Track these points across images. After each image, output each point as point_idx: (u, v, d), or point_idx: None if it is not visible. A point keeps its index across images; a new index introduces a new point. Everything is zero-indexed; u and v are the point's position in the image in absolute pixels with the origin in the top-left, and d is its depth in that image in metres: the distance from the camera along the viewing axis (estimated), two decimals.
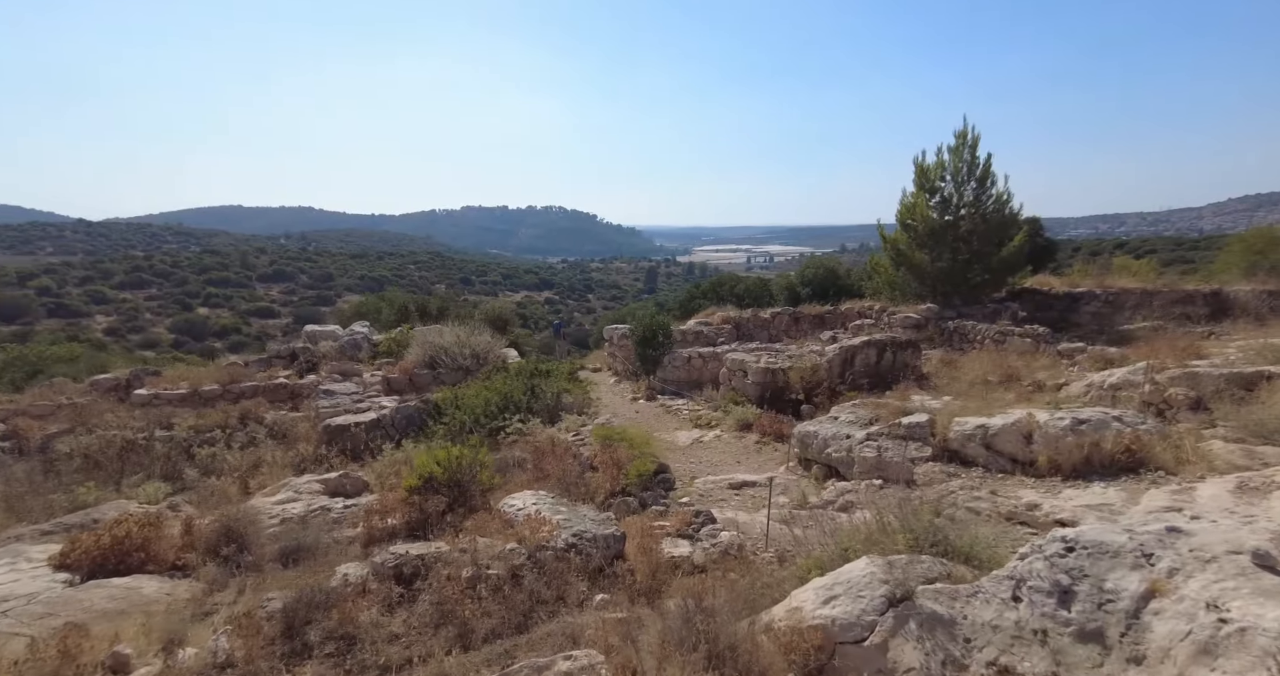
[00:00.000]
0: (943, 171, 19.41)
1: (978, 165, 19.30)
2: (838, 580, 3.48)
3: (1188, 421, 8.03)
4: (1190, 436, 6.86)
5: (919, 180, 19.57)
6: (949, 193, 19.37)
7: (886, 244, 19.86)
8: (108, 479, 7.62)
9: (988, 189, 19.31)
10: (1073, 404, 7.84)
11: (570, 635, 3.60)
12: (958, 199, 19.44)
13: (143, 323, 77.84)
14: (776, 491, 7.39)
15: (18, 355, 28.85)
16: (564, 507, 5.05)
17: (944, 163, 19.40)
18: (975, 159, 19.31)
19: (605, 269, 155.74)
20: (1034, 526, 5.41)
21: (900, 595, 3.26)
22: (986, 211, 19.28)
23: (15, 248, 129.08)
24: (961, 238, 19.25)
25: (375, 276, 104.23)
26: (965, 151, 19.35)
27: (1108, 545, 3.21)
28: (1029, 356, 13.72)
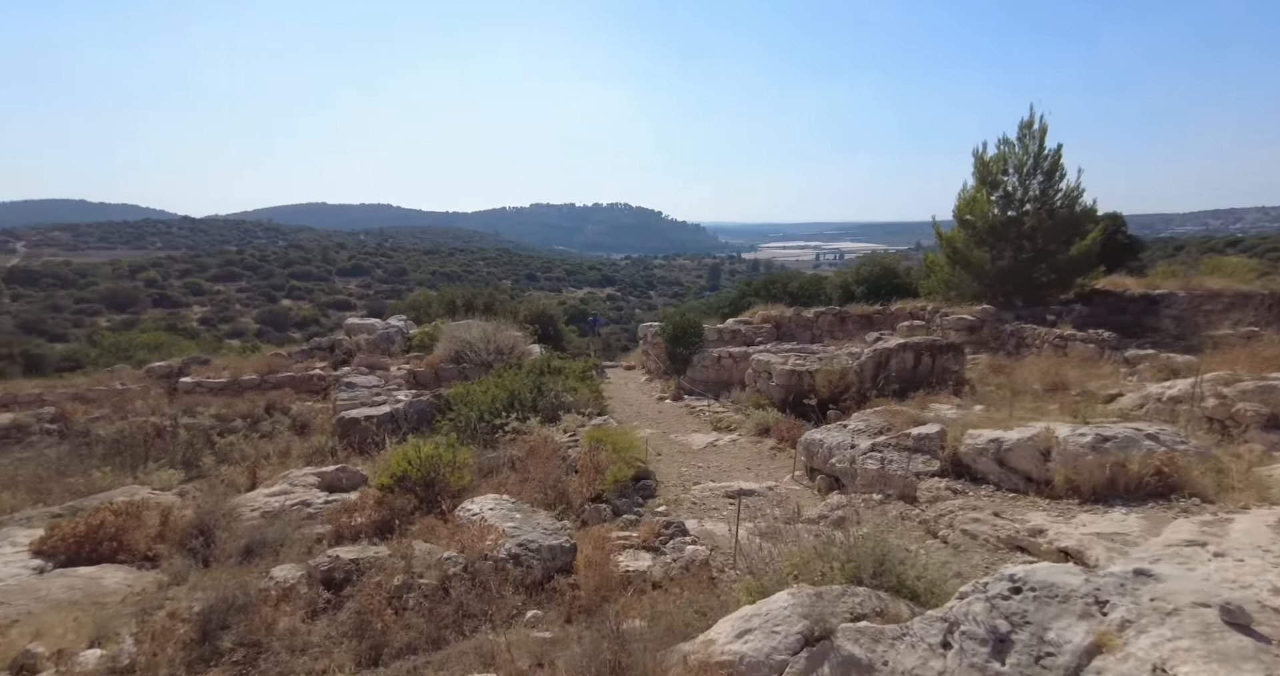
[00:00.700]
0: (1005, 164, 18.22)
1: (1045, 157, 18.03)
2: (758, 611, 3.18)
3: (1256, 441, 7.18)
4: (1243, 460, 6.10)
5: (979, 173, 18.44)
6: (1012, 187, 18.17)
7: (942, 241, 18.83)
8: (133, 464, 8.02)
9: (1056, 183, 18.02)
10: (1108, 418, 7.11)
11: (484, 655, 3.44)
12: (1022, 193, 18.22)
13: (232, 313, 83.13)
14: (773, 502, 7.03)
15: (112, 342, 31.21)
16: (519, 515, 4.90)
17: (1007, 155, 18.22)
18: (1043, 150, 18.04)
19: (668, 266, 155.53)
20: (1035, 554, 4.89)
21: (819, 633, 2.94)
22: (1054, 207, 17.99)
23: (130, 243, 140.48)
24: (1025, 235, 18.03)
25: (446, 272, 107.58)
26: (1031, 142, 18.11)
27: (1059, 588, 2.79)
28: (1091, 364, 12.71)
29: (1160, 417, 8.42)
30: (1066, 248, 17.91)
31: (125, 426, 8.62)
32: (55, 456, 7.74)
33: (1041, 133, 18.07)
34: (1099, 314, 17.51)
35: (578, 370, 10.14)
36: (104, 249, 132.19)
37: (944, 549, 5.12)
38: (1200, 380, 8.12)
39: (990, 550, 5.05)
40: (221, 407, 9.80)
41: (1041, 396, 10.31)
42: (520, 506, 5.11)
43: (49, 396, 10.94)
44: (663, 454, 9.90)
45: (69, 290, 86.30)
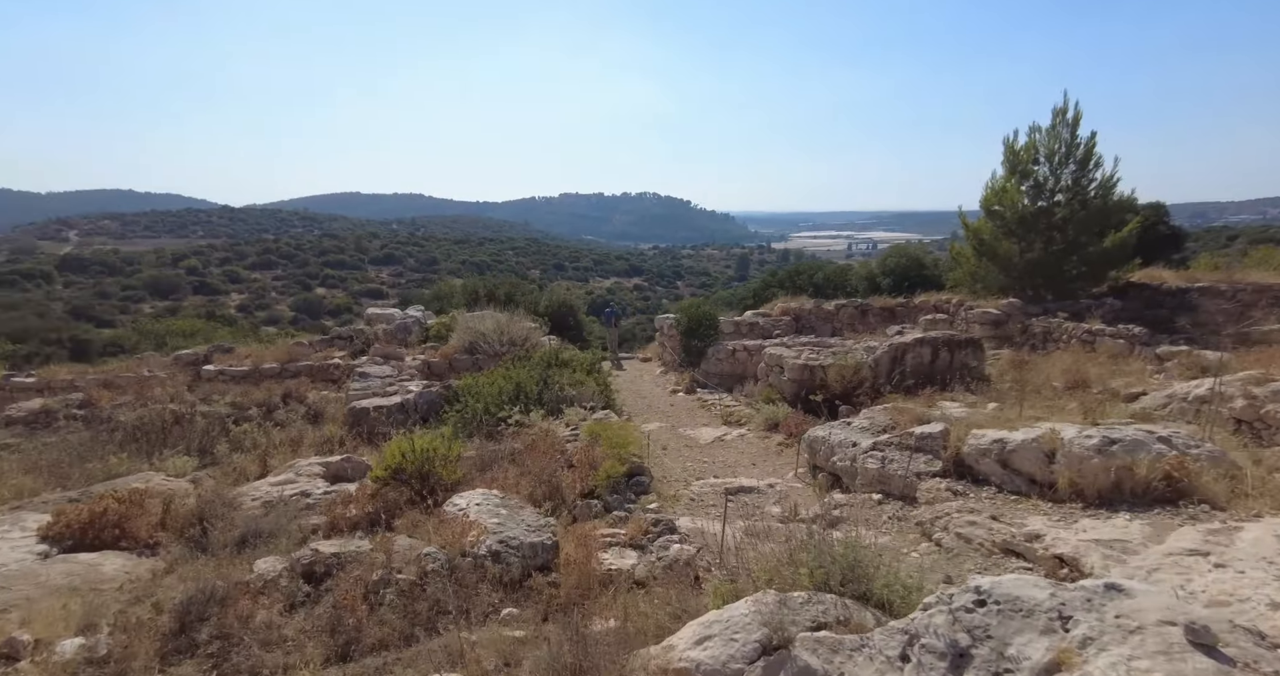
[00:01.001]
0: (1036, 153, 17.66)
1: (1078, 145, 17.42)
2: (719, 617, 3.13)
3: None
4: (1264, 465, 5.84)
5: (1008, 162, 17.90)
6: (1043, 176, 17.62)
7: (969, 232, 18.35)
8: (150, 450, 8.28)
9: (1089, 172, 17.42)
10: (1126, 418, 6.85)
11: (452, 654, 3.45)
12: (1054, 183, 17.66)
13: (268, 300, 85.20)
14: (772, 500, 6.96)
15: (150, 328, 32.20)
16: (505, 510, 4.91)
17: (1038, 143, 17.64)
18: (1075, 138, 17.44)
19: (696, 256, 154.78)
20: (1030, 560, 4.76)
21: (777, 642, 2.88)
22: (1087, 197, 17.40)
23: (173, 231, 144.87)
24: (1056, 226, 17.49)
25: (476, 261, 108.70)
26: (1064, 130, 17.51)
27: (1023, 602, 2.69)
28: (1119, 360, 12.32)
29: (1184, 418, 8.12)
30: (1100, 239, 17.32)
31: (145, 413, 8.90)
32: (77, 442, 8.03)
33: (1075, 120, 17.46)
34: (1133, 308, 16.93)
35: (585, 363, 10.13)
36: (149, 237, 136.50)
37: (937, 553, 5.02)
38: (1219, 380, 7.79)
39: (984, 555, 4.92)
40: (239, 395, 10.04)
41: (1061, 394, 10.02)
42: (507, 501, 5.12)
43: (80, 382, 11.33)
44: (669, 448, 9.88)
45: (116, 277, 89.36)
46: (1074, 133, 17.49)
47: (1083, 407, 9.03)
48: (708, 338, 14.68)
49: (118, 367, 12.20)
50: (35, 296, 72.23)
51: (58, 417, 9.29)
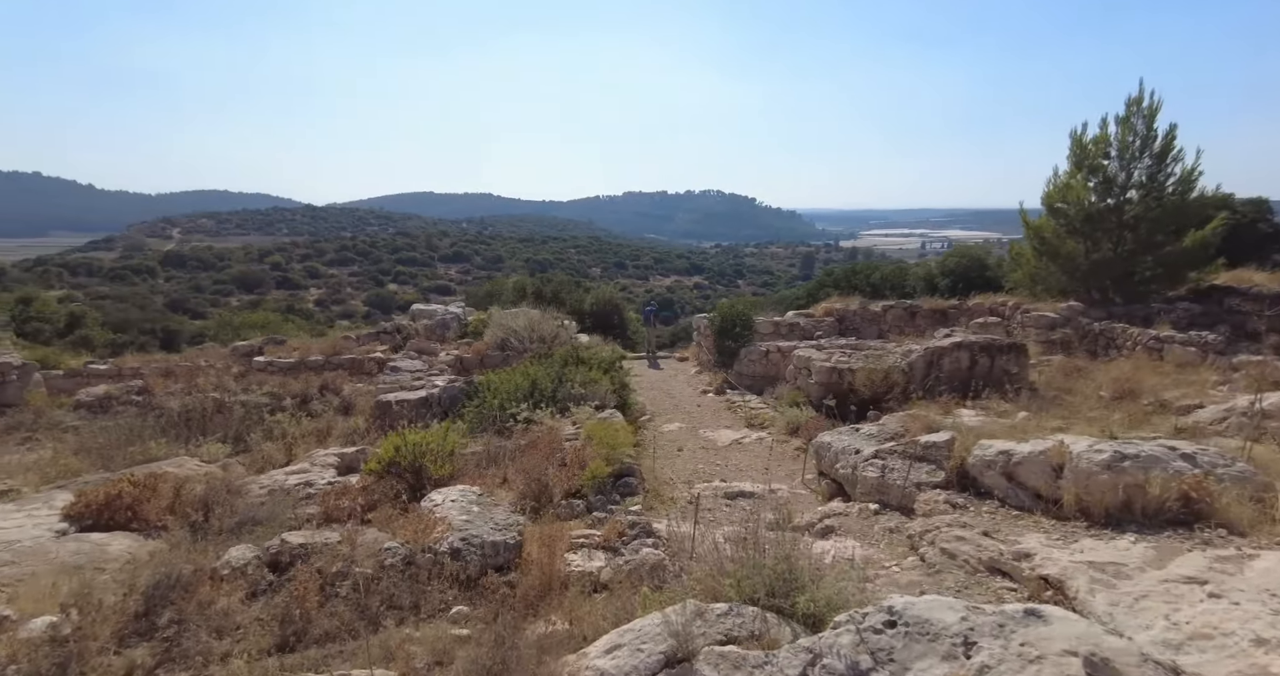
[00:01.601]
0: (1108, 146, 16.54)
1: (1155, 138, 16.24)
2: (634, 627, 3.08)
3: None
4: None
5: (1075, 157, 16.86)
6: (1113, 172, 16.50)
7: (1029, 231, 17.38)
8: (191, 436, 8.84)
9: (1167, 166, 16.20)
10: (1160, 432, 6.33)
11: (388, 650, 3.52)
12: (1125, 179, 16.51)
13: (344, 295, 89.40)
14: (770, 506, 6.79)
15: (227, 320, 34.29)
16: (477, 507, 4.97)
17: (1109, 136, 16.52)
18: (1152, 131, 16.26)
19: (759, 254, 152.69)
20: (1016, 580, 4.48)
21: (682, 655, 2.81)
22: (1164, 193, 16.19)
23: (261, 229, 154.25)
24: (1127, 224, 16.36)
25: (539, 259, 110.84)
26: (1139, 122, 16.35)
27: (932, 625, 2.54)
28: (1187, 369, 11.43)
29: (1241, 435, 7.47)
30: (1177, 238, 16.11)
31: (190, 401, 9.51)
32: (126, 426, 8.65)
33: (1152, 110, 16.29)
34: (1214, 313, 15.65)
35: (603, 361, 10.15)
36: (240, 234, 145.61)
37: (919, 568, 4.78)
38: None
39: (968, 572, 4.65)
40: (277, 386, 10.58)
41: (1109, 405, 9.38)
42: (483, 499, 5.19)
43: (145, 371, 12.20)
44: (685, 449, 9.81)
45: (209, 272, 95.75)
46: (1150, 124, 16.31)
47: (1128, 419, 8.46)
48: (742, 338, 14.47)
49: (179, 357, 13.08)
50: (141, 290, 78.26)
51: (118, 403, 10.04)
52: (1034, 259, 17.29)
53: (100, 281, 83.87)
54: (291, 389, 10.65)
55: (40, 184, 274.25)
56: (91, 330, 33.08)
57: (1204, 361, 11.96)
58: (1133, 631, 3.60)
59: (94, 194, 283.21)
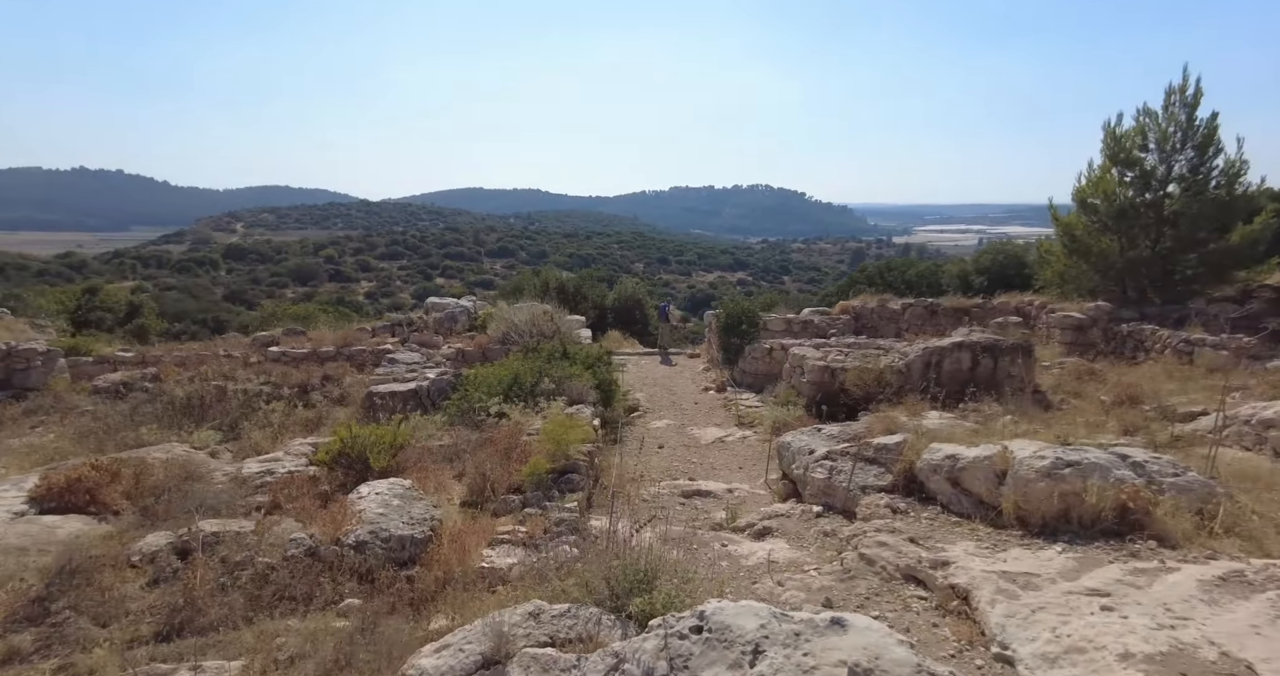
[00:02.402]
0: (1144, 138, 15.66)
1: (1196, 129, 15.30)
2: (472, 626, 3.09)
3: None
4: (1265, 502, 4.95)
5: (1109, 150, 16.02)
6: (1151, 164, 15.62)
7: (1059, 227, 16.60)
8: (186, 422, 9.26)
9: (1209, 159, 15.24)
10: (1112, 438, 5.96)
11: (251, 642, 3.60)
12: (1164, 172, 15.62)
13: (393, 288, 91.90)
14: (719, 506, 6.72)
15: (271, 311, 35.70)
16: (399, 501, 5.04)
17: (1146, 127, 15.63)
18: (1194, 121, 15.32)
19: (807, 250, 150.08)
20: (930, 589, 4.31)
21: (498, 657, 2.81)
22: (1206, 187, 15.24)
23: (318, 223, 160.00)
24: (1165, 220, 15.47)
25: (582, 254, 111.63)
26: (1179, 112, 15.42)
27: (733, 632, 2.47)
28: (1215, 374, 10.77)
29: (1240, 444, 7.04)
30: (1221, 235, 15.14)
31: (193, 389, 9.97)
32: (125, 412, 9.14)
33: (1194, 100, 15.33)
34: (1262, 315, 14.66)
35: (590, 357, 10.16)
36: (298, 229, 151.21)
37: (835, 573, 4.65)
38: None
39: (884, 579, 4.50)
40: (279, 376, 10.99)
41: (1109, 410, 8.92)
42: (411, 492, 5.26)
43: (168, 358, 12.82)
44: (666, 446, 9.76)
45: (267, 265, 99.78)
46: (1192, 114, 15.37)
47: (1122, 427, 8.04)
48: (747, 336, 14.28)
49: (198, 346, 13.70)
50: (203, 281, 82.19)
51: (132, 389, 10.59)
52: (1064, 257, 16.53)
53: (168, 273, 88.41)
54: (293, 379, 11.03)
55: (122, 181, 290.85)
56: (148, 319, 34.76)
57: (1237, 365, 11.24)
58: (1019, 643, 3.46)
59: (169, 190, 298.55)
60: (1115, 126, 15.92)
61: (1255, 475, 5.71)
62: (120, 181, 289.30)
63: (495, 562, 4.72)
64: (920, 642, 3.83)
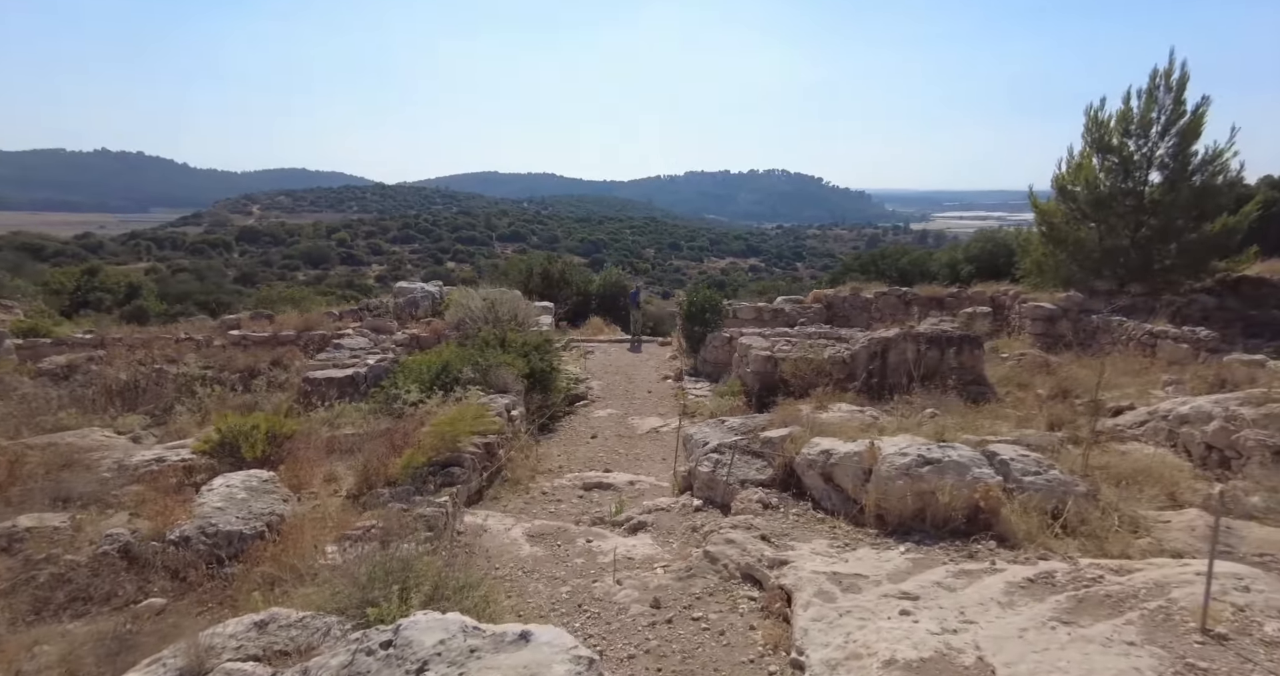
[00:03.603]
0: (1127, 123, 15.18)
1: (1182, 114, 14.81)
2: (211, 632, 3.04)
3: (1246, 479, 5.67)
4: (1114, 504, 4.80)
5: (1090, 135, 15.56)
6: (1131, 150, 15.14)
7: (1038, 215, 16.20)
8: (126, 406, 9.36)
9: (1191, 145, 14.74)
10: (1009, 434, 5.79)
11: (11, 651, 3.53)
12: (1146, 159, 15.13)
13: (403, 272, 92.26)
14: (615, 499, 6.66)
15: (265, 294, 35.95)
16: (245, 493, 4.95)
17: (1129, 112, 15.15)
18: (1180, 106, 14.83)
19: (822, 236, 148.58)
20: (764, 589, 4.23)
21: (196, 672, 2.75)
22: (1188, 174, 14.77)
23: (333, 206, 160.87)
24: (1145, 208, 15.03)
25: (594, 239, 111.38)
26: (1163, 96, 14.92)
27: (413, 648, 2.38)
28: (1175, 367, 10.52)
29: (1156, 440, 6.85)
30: (1201, 224, 14.71)
31: (133, 372, 10.05)
32: (62, 395, 9.24)
33: (1180, 83, 14.81)
34: (1235, 307, 14.29)
35: (527, 344, 10.07)
36: (313, 211, 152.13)
37: (678, 571, 4.56)
38: (1216, 398, 6.42)
39: (723, 578, 4.41)
40: (225, 360, 11.04)
41: (1044, 404, 8.72)
42: (267, 485, 5.19)
43: (128, 341, 12.94)
44: (599, 436, 9.70)
45: (279, 247, 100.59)
46: (1178, 99, 14.86)
47: (1049, 421, 7.86)
48: (710, 323, 14.14)
49: (158, 329, 13.81)
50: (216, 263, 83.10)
51: (76, 372, 10.71)
52: (1041, 246, 16.15)
53: (182, 255, 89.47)
54: (239, 363, 11.08)
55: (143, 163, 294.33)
56: (147, 301, 35.14)
57: (1196, 358, 10.95)
58: (814, 649, 3.38)
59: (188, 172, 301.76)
60: (1098, 110, 15.44)
61: (1138, 472, 5.55)
62: (141, 163, 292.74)
63: (336, 560, 4.67)
64: (728, 646, 3.75)
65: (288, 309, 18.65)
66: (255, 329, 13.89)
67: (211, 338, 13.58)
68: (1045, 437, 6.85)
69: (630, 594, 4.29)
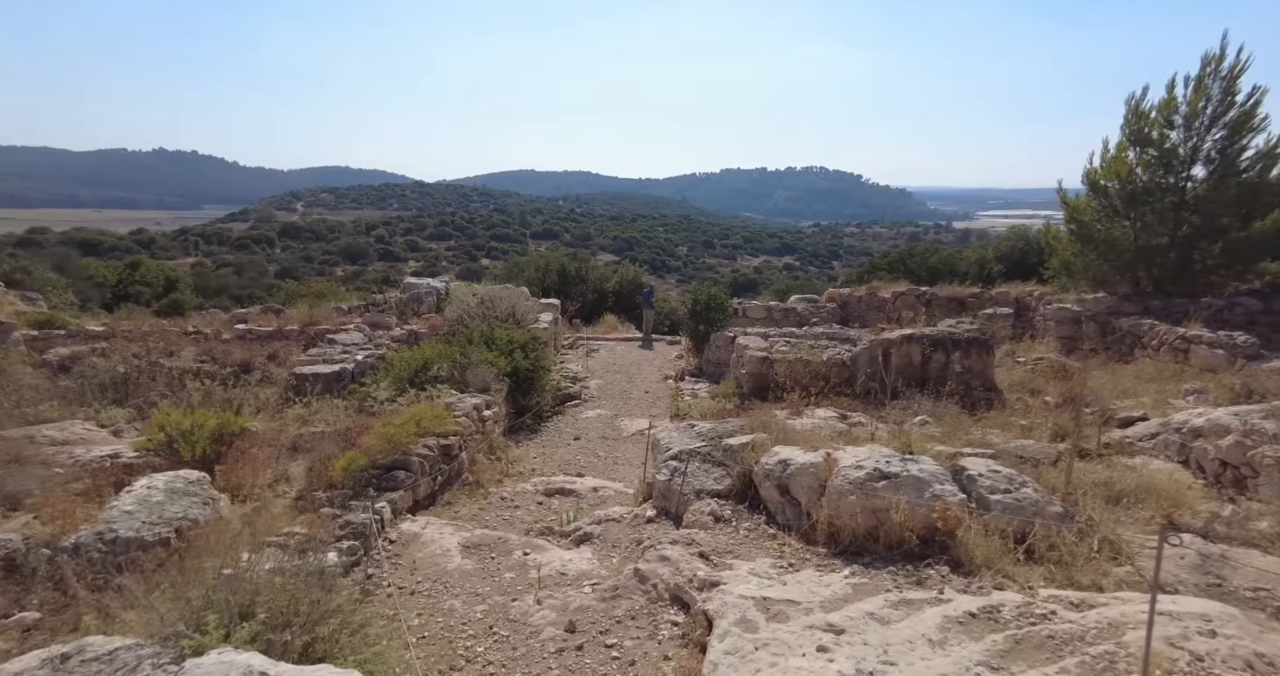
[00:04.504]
0: (1171, 114, 14.22)
1: (1234, 104, 13.78)
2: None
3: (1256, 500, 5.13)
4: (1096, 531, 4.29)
5: (1130, 127, 14.61)
6: (1174, 143, 14.17)
7: (1067, 211, 15.32)
8: (112, 400, 9.43)
9: (1242, 138, 13.72)
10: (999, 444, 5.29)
11: None
12: (1190, 152, 14.15)
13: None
14: (575, 506, 6.36)
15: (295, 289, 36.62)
16: (162, 497, 4.75)
17: (1174, 102, 14.18)
18: (1231, 96, 13.80)
19: (860, 234, 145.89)
20: (690, 614, 3.87)
21: None
22: (1238, 169, 13.77)
23: (374, 203, 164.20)
24: (1186, 205, 14.07)
25: (626, 237, 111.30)
26: (1214, 85, 13.91)
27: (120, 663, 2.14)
28: (1206, 375, 9.77)
29: (1165, 455, 6.27)
30: (1250, 222, 13.70)
31: (129, 365, 10.14)
32: (46, 388, 9.35)
33: (1234, 71, 13.79)
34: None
35: (509, 342, 9.83)
36: (354, 208, 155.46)
37: (606, 590, 4.23)
38: (1237, 410, 5.82)
39: (651, 599, 4.07)
40: (220, 354, 11.09)
41: (1051, 412, 8.11)
42: (192, 487, 4.96)
43: (134, 333, 13.15)
44: (581, 438, 9.41)
45: (320, 243, 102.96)
46: (1231, 88, 13.84)
47: (1055, 431, 7.29)
48: (716, 322, 13.73)
49: (167, 322, 14.01)
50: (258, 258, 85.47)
51: (77, 364, 10.88)
52: (1070, 244, 15.27)
53: (227, 250, 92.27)
54: (235, 357, 11.12)
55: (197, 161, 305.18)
56: (183, 295, 36.13)
57: (1231, 365, 10.14)
58: None
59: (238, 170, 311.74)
60: (1139, 100, 14.50)
61: (1140, 489, 5.02)
62: (195, 161, 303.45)
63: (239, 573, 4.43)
64: None
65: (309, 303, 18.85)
66: (261, 323, 13.99)
67: (220, 331, 13.71)
68: (1043, 449, 6.32)
69: (548, 615, 3.99)
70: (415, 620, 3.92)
